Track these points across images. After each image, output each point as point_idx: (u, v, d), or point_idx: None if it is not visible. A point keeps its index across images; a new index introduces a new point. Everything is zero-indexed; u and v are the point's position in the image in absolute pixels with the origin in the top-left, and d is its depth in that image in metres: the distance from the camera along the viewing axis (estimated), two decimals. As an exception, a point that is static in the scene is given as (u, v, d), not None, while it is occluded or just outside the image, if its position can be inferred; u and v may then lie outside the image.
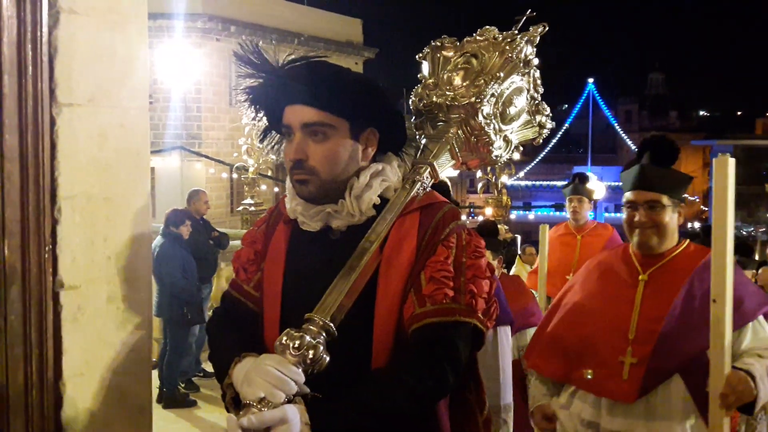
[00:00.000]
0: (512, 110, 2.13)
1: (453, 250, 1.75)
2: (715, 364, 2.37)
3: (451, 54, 2.14)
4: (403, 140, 1.92)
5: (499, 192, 9.17)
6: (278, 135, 1.92)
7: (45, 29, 1.94)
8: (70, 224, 2.03)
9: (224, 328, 1.90)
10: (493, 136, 2.07)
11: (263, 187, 14.82)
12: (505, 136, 2.13)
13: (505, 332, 3.52)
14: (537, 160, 58.40)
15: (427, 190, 1.90)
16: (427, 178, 1.92)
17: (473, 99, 2.02)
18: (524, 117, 2.19)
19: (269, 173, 14.98)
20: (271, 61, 1.78)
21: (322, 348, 1.55)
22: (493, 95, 2.04)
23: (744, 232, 34.88)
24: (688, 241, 2.71)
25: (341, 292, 1.65)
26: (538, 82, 2.20)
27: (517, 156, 2.25)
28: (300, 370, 1.53)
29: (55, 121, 1.98)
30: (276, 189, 18.02)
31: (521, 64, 2.12)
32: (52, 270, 1.99)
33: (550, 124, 2.25)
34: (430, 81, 2.11)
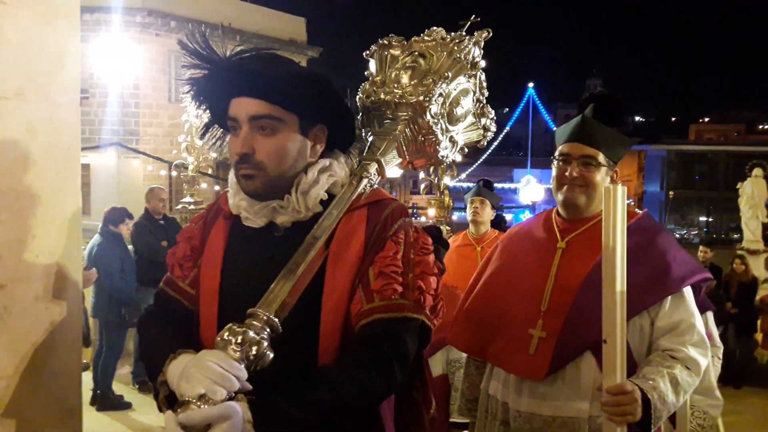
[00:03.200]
0: (459, 111, 2.11)
1: (401, 246, 1.74)
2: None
3: (398, 53, 2.13)
4: (351, 138, 1.90)
5: (442, 193, 9.22)
6: (221, 130, 1.88)
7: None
8: (-4, 221, 1.96)
9: (157, 326, 1.84)
10: (440, 136, 2.06)
11: (203, 185, 14.59)
12: (452, 136, 2.12)
13: None
14: (478, 162, 59.09)
15: (375, 186, 1.88)
16: (374, 174, 1.90)
17: (421, 98, 2.00)
18: (470, 119, 2.19)
19: (209, 171, 14.77)
20: (219, 51, 1.73)
21: (266, 344, 1.51)
22: (441, 95, 2.03)
23: (677, 235, 35.85)
24: None
25: (285, 289, 1.61)
26: (484, 85, 2.20)
27: (459, 158, 2.23)
28: (242, 366, 1.48)
29: (-19, 115, 1.92)
30: (216, 187, 17.78)
31: (469, 66, 2.11)
32: (-22, 267, 1.93)
33: (493, 127, 2.25)
34: (378, 78, 2.09)
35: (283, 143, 1.70)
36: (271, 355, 1.52)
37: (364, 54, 2.19)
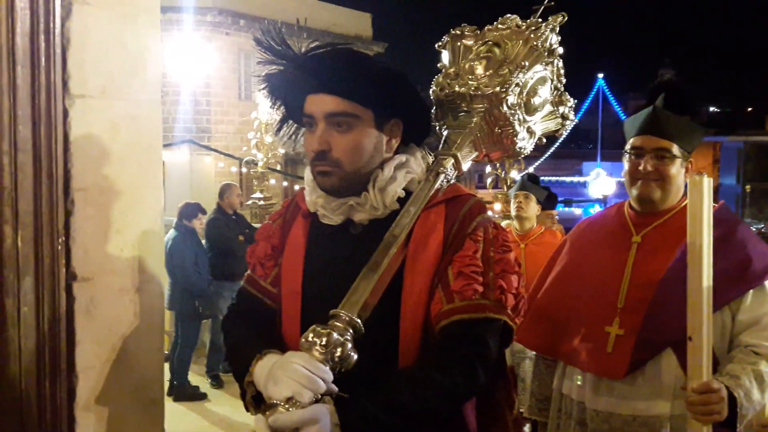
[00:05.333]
0: (536, 101, 2.04)
1: (481, 244, 1.70)
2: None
3: (471, 43, 2.07)
4: (427, 132, 1.87)
5: (508, 187, 9.10)
6: (295, 126, 1.87)
7: (58, 21, 1.94)
8: (82, 216, 2.03)
9: (241, 326, 1.84)
10: (517, 127, 1.99)
11: (272, 181, 14.79)
12: (529, 127, 2.05)
13: None
14: (546, 155, 58.29)
15: (452, 182, 1.85)
16: (451, 169, 1.85)
17: (497, 88, 1.94)
18: (547, 108, 2.11)
19: (278, 167, 14.96)
20: (294, 48, 1.71)
21: (349, 345, 1.50)
22: (517, 85, 1.97)
23: (754, 229, 34.67)
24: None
25: (366, 289, 1.59)
26: (561, 72, 2.12)
27: (529, 150, 2.17)
28: (328, 368, 1.47)
29: (67, 112, 1.98)
30: (285, 183, 18.02)
31: (546, 53, 2.04)
32: (65, 262, 2.00)
33: (572, 116, 2.17)
34: (451, 70, 2.03)
35: (359, 139, 1.69)
36: (356, 357, 1.51)
37: (435, 45, 2.14)
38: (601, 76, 66.76)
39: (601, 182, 34.02)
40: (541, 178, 5.56)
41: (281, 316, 1.81)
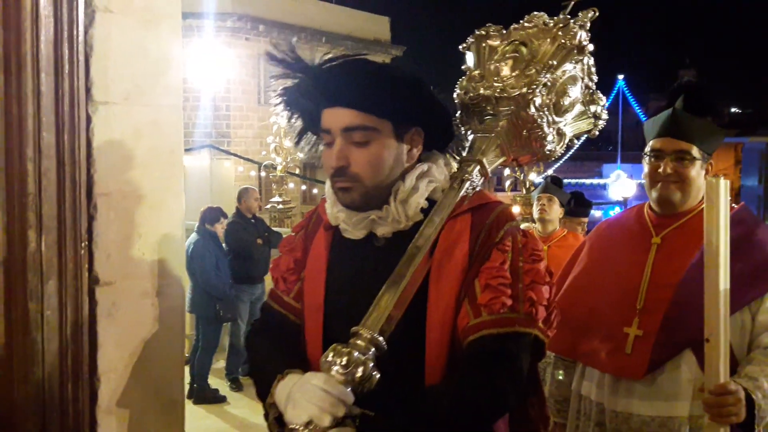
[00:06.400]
0: (566, 101, 1.95)
1: (509, 254, 1.63)
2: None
3: (497, 43, 1.98)
4: (450, 137, 1.82)
5: (528, 190, 9.07)
6: (314, 137, 1.82)
7: (81, 28, 1.96)
8: (105, 221, 2.05)
9: (264, 343, 1.80)
10: (546, 129, 1.90)
11: (291, 185, 14.86)
12: (559, 128, 1.96)
13: None
14: (566, 157, 57.99)
15: (477, 189, 1.77)
16: (476, 176, 1.79)
17: (524, 90, 1.85)
18: (578, 108, 2.02)
19: (297, 171, 15.02)
20: (307, 60, 1.69)
21: (371, 365, 1.45)
22: (545, 85, 1.88)
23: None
24: None
25: (390, 303, 1.53)
26: (593, 69, 2.02)
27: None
28: (349, 389, 1.43)
29: (91, 119, 2.00)
30: (303, 187, 18.08)
31: (575, 51, 1.94)
32: (87, 266, 2.02)
33: (605, 115, 2.08)
34: (476, 72, 1.95)
35: (378, 153, 1.64)
36: (378, 376, 1.46)
37: (460, 47, 2.06)
38: (621, 77, 66.36)
39: (621, 184, 33.80)
40: (562, 180, 5.54)
41: (304, 332, 1.76)
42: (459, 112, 1.95)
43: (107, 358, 2.08)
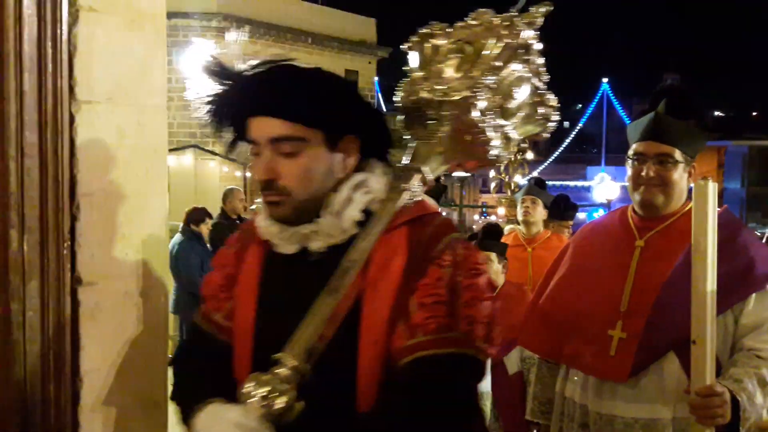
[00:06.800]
0: (512, 103, 1.84)
1: (447, 270, 1.52)
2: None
3: (442, 42, 1.84)
4: (388, 143, 1.71)
5: (513, 191, 9.10)
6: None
7: (65, 27, 1.96)
8: (88, 221, 2.04)
9: (190, 366, 1.71)
10: (491, 134, 1.79)
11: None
12: (505, 132, 1.84)
13: None
14: (550, 159, 58.28)
15: (417, 199, 1.67)
16: (416, 185, 1.68)
17: (467, 93, 1.74)
18: (527, 110, 1.90)
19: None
20: (232, 68, 1.61)
21: (293, 394, 1.37)
22: (489, 87, 1.76)
23: (759, 233, 34.61)
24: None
25: (318, 324, 1.44)
26: (542, 70, 1.90)
27: (530, 155, 2.12)
28: (267, 423, 1.35)
29: (74, 118, 1.99)
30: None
31: (521, 50, 1.83)
32: (70, 266, 2.01)
33: (556, 117, 1.96)
34: (419, 74, 1.83)
35: (308, 164, 1.54)
36: (302, 405, 1.38)
37: (401, 47, 1.94)
38: (605, 80, 66.76)
39: (605, 187, 33.96)
40: (546, 182, 5.57)
41: (234, 356, 1.66)
42: (402, 116, 1.84)
43: (90, 358, 2.06)
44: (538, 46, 1.89)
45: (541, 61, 1.91)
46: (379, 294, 1.51)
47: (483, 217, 27.58)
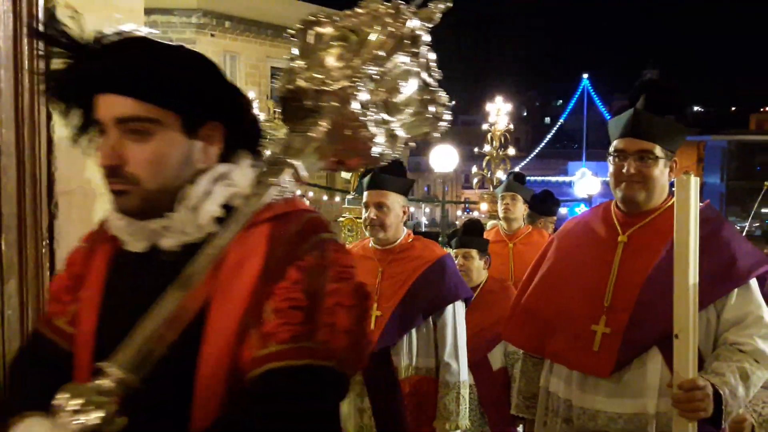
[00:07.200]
0: (398, 98, 1.70)
1: (309, 273, 1.35)
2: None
3: (328, 30, 1.69)
4: (256, 134, 1.56)
5: (494, 187, 9.14)
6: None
7: (41, 24, 1.94)
8: (66, 219, 2.03)
9: (21, 374, 1.51)
10: (373, 129, 1.64)
11: (258, 182, 14.80)
12: (391, 129, 1.69)
13: (460, 307, 3.23)
14: (532, 155, 58.62)
15: (288, 195, 1.49)
16: (288, 181, 1.52)
17: (346, 82, 1.59)
18: (416, 107, 1.76)
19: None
20: (78, 37, 1.40)
21: (113, 408, 1.20)
22: (371, 79, 1.63)
23: (738, 227, 34.91)
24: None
25: (155, 329, 1.26)
26: (432, 65, 1.76)
27: (512, 151, 2.10)
28: None
29: (51, 116, 1.98)
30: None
31: (408, 42, 1.69)
32: (49, 265, 2.00)
33: (447, 116, 1.82)
34: (300, 63, 1.67)
35: (160, 149, 1.35)
36: (123, 421, 1.21)
37: (285, 34, 1.80)
38: (585, 76, 67.25)
39: (586, 182, 34.08)
40: (527, 178, 5.59)
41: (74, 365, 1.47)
42: (280, 107, 1.69)
43: (70, 358, 2.05)
44: (427, 38, 1.74)
45: (432, 56, 1.77)
46: (229, 297, 1.34)
47: (466, 213, 27.68)
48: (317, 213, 1.48)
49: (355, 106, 1.60)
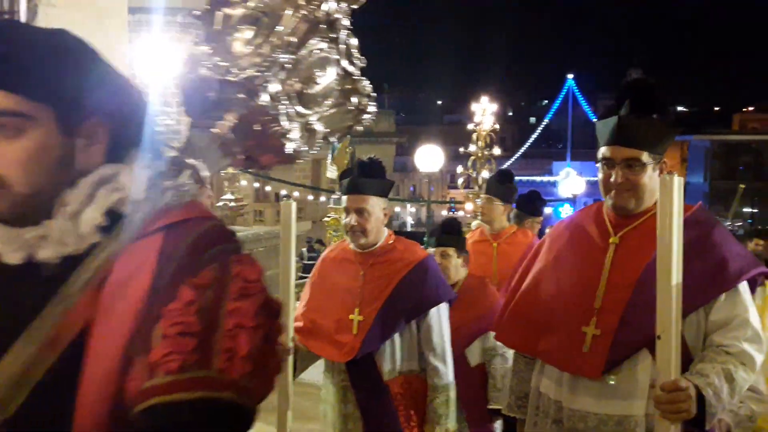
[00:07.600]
0: (315, 88, 1.55)
1: (205, 291, 1.16)
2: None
3: (238, 12, 1.52)
4: (151, 132, 1.36)
5: (480, 187, 9.15)
6: None
7: (23, 22, 1.92)
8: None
9: None
10: (286, 124, 1.49)
11: (243, 182, 14.74)
12: (307, 123, 1.55)
13: (444, 309, 3.21)
14: (517, 155, 58.78)
15: (188, 200, 1.31)
16: (188, 183, 1.36)
17: (253, 71, 1.45)
18: (336, 98, 1.62)
19: (249, 169, 14.89)
20: None
21: None
22: (283, 67, 1.47)
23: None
24: None
25: (18, 359, 1.12)
26: (354, 52, 1.62)
27: (498, 151, 2.08)
28: None
29: (34, 115, 1.96)
30: (256, 185, 17.97)
31: (324, 26, 1.54)
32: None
33: (372, 107, 1.68)
34: (205, 48, 1.50)
35: (32, 148, 1.19)
36: None
37: (191, 13, 1.64)
38: (570, 76, 67.54)
39: (571, 182, 34.28)
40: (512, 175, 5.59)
41: None
42: (182, 99, 1.54)
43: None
44: (345, 22, 1.60)
45: (354, 42, 1.62)
46: (113, 320, 1.15)
47: (451, 213, 27.71)
48: (219, 221, 1.29)
49: (264, 98, 1.45)
